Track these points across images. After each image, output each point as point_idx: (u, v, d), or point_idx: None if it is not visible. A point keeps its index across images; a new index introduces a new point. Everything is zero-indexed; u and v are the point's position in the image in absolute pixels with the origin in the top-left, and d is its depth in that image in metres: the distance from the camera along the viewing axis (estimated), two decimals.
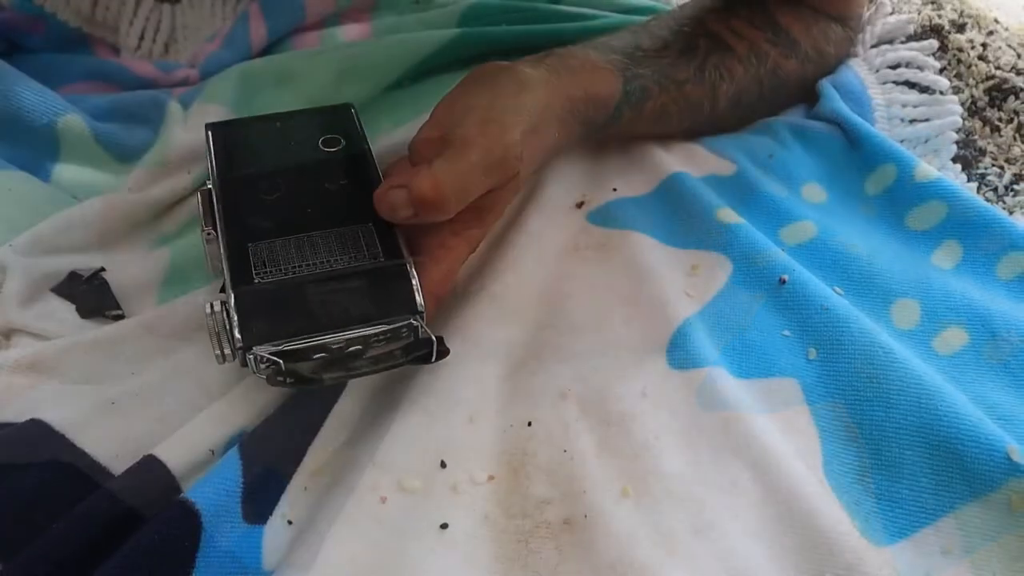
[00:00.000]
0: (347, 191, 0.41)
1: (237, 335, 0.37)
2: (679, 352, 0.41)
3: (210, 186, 0.43)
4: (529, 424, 0.39)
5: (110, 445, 0.38)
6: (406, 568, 0.34)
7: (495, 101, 0.41)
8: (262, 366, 0.37)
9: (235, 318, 0.37)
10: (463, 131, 0.39)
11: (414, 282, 0.38)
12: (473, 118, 0.40)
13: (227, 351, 0.37)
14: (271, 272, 0.38)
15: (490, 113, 0.40)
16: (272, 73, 0.55)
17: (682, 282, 0.45)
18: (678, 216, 0.48)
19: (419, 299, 0.38)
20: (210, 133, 0.45)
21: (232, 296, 0.37)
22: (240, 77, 0.54)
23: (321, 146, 0.44)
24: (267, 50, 0.59)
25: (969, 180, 0.54)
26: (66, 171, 0.50)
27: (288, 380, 0.37)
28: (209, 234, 0.41)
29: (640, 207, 0.49)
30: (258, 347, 0.36)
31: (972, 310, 0.43)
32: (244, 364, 0.37)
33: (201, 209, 0.42)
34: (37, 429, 0.38)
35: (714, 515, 0.36)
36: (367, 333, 0.37)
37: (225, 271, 0.39)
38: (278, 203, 0.41)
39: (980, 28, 0.64)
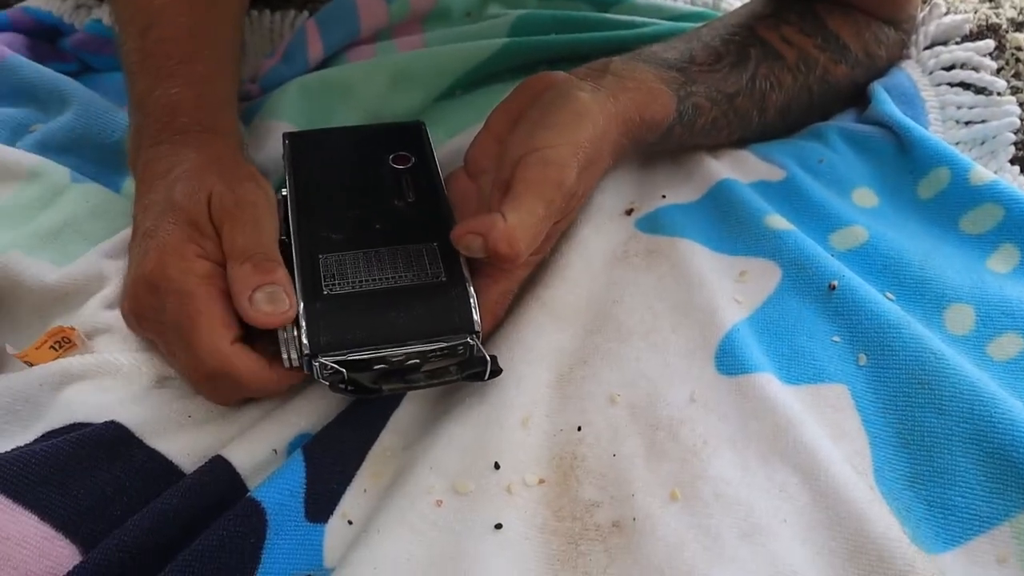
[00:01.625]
0: (414, 209, 0.43)
1: (305, 342, 0.39)
2: (728, 358, 0.42)
3: (285, 193, 0.45)
4: (579, 428, 0.40)
5: (182, 445, 0.40)
6: (461, 567, 0.35)
7: (553, 138, 0.41)
8: (326, 373, 0.38)
9: (303, 327, 0.39)
10: (525, 175, 0.40)
11: (472, 302, 0.40)
12: (535, 159, 0.41)
13: (294, 357, 0.39)
14: (339, 284, 0.40)
15: (550, 155, 0.41)
16: (328, 85, 0.57)
17: (731, 288, 0.45)
18: (726, 223, 0.49)
19: (476, 319, 0.40)
20: (287, 142, 0.47)
21: (302, 305, 0.39)
22: (299, 91, 0.56)
23: (392, 162, 0.46)
24: (324, 64, 0.61)
25: None
26: (134, 185, 0.53)
27: (349, 388, 0.39)
28: (282, 241, 0.43)
29: (688, 214, 0.49)
30: (324, 356, 0.38)
31: None
32: (309, 371, 0.39)
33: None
34: (115, 430, 0.40)
35: (762, 520, 0.36)
36: (426, 349, 0.39)
37: (296, 280, 0.40)
38: (348, 217, 0.43)
39: None
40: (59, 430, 0.40)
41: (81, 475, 0.38)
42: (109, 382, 0.43)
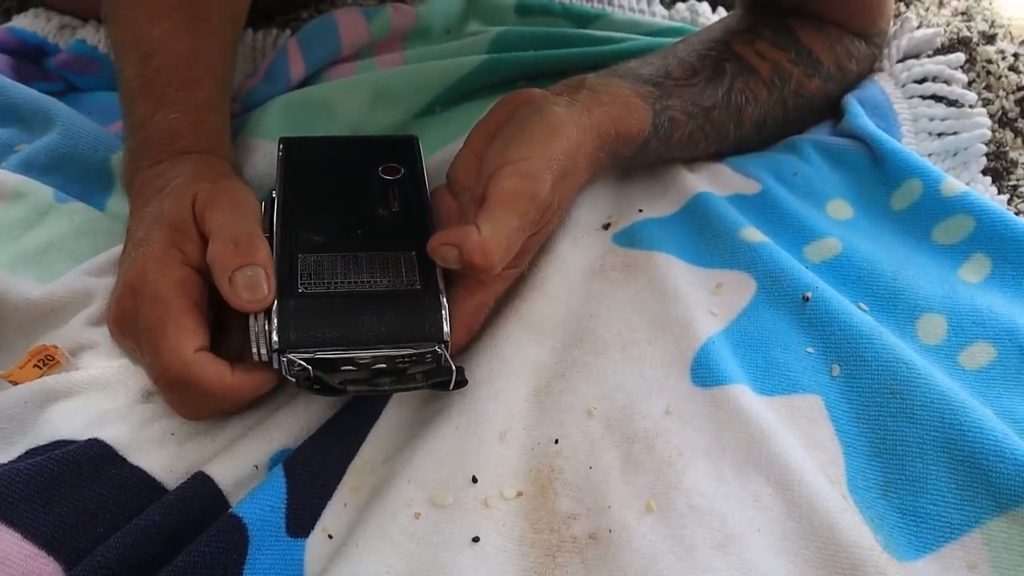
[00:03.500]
0: (398, 219, 0.44)
1: (275, 337, 0.39)
2: (703, 370, 0.42)
3: (275, 196, 0.46)
4: (556, 441, 0.41)
5: (165, 462, 0.41)
6: None
7: (526, 150, 0.42)
8: (294, 369, 0.39)
9: (275, 322, 0.39)
10: (499, 187, 0.41)
11: (444, 312, 0.41)
12: (509, 171, 0.41)
13: (263, 351, 0.40)
14: (315, 284, 0.41)
15: (524, 167, 0.41)
16: (310, 103, 0.57)
17: (706, 301, 0.46)
18: (703, 236, 0.49)
19: (446, 328, 0.40)
20: (282, 146, 0.48)
21: (276, 301, 0.40)
22: (281, 109, 0.56)
23: (381, 172, 0.47)
24: (305, 82, 0.61)
25: (1000, 192, 0.54)
26: (119, 204, 0.53)
27: (315, 386, 0.39)
28: (265, 238, 0.43)
29: (665, 227, 0.50)
30: (292, 352, 0.39)
31: (999, 324, 0.43)
32: (277, 366, 0.40)
33: (263, 214, 0.45)
34: (98, 448, 0.40)
35: (736, 529, 0.37)
36: (394, 354, 0.40)
37: (273, 276, 0.41)
38: (332, 220, 0.44)
39: (1012, 38, 0.64)
40: (43, 447, 0.40)
41: (64, 493, 0.38)
42: (93, 399, 0.43)
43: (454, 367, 0.40)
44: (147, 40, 0.50)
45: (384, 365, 0.40)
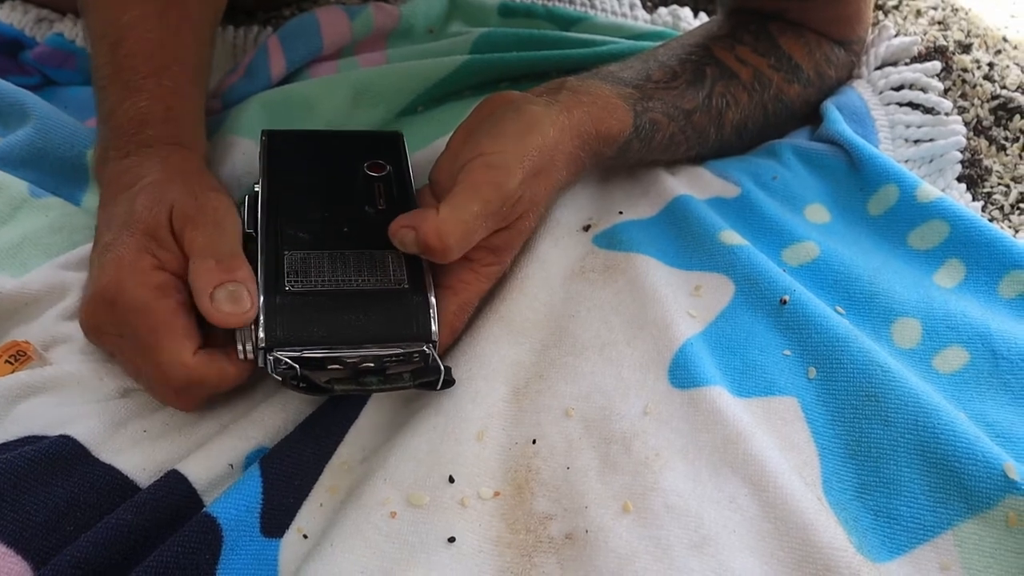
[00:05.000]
0: (384, 216, 0.43)
1: (261, 335, 0.39)
2: (681, 371, 0.42)
3: (258, 189, 0.45)
4: (534, 442, 0.41)
5: (138, 460, 0.40)
6: None
7: (499, 145, 0.42)
8: (281, 367, 0.39)
9: (261, 320, 0.39)
10: (466, 177, 0.41)
11: (432, 311, 0.40)
12: (478, 163, 0.41)
13: (249, 349, 0.39)
14: (301, 282, 0.41)
15: (493, 159, 0.42)
16: (290, 101, 0.57)
17: (685, 303, 0.46)
18: (682, 238, 0.50)
19: (434, 328, 0.40)
20: (265, 139, 0.48)
21: (261, 298, 0.39)
22: (260, 106, 0.56)
23: (366, 169, 0.47)
24: (286, 80, 0.61)
25: (975, 199, 0.55)
26: (95, 199, 0.52)
27: (301, 385, 0.39)
28: (249, 235, 0.43)
29: (645, 230, 0.50)
30: (279, 350, 0.39)
31: (973, 329, 0.44)
32: (263, 364, 0.39)
33: (246, 210, 0.44)
34: (70, 446, 0.40)
35: (712, 530, 0.37)
36: (381, 353, 0.39)
37: (259, 273, 0.41)
38: (318, 217, 0.44)
39: (988, 47, 0.65)
40: (13, 443, 0.40)
41: (34, 491, 0.38)
42: (66, 395, 0.43)
43: (442, 366, 0.40)
44: (117, 27, 0.49)
45: (371, 364, 0.40)
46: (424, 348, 0.40)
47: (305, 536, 0.38)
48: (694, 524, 0.37)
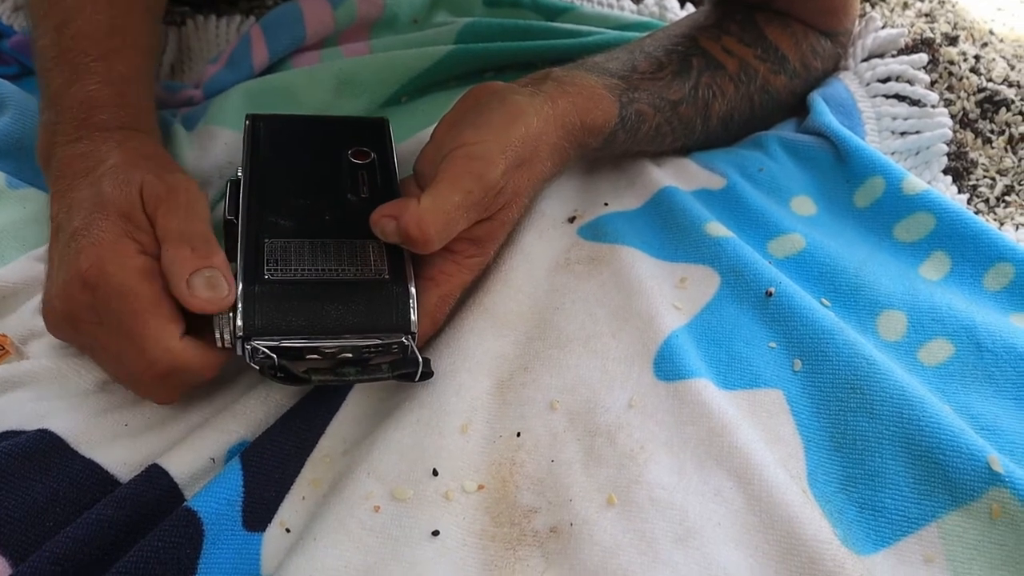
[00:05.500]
0: (367, 205, 0.43)
1: (239, 323, 0.38)
2: (666, 364, 0.42)
3: (240, 175, 0.44)
4: (518, 435, 0.40)
5: (119, 455, 0.40)
6: (397, 574, 0.35)
7: (481, 135, 0.42)
8: (258, 357, 0.38)
9: (239, 307, 0.39)
10: (448, 167, 0.41)
11: (412, 302, 0.40)
12: (460, 153, 0.41)
13: (227, 337, 0.39)
14: (281, 270, 0.40)
15: (475, 149, 0.41)
16: (273, 91, 0.56)
17: (670, 295, 0.46)
18: (667, 230, 0.49)
19: (414, 319, 0.40)
20: (249, 123, 0.47)
21: (240, 286, 0.39)
22: (242, 96, 0.55)
23: (351, 156, 0.46)
24: (269, 70, 0.60)
25: (960, 192, 0.55)
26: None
27: (279, 375, 0.39)
28: (230, 222, 0.42)
29: (630, 221, 0.50)
30: (257, 339, 0.38)
31: (958, 321, 0.44)
32: (241, 353, 0.39)
33: (228, 196, 0.44)
34: (49, 440, 0.39)
35: (696, 523, 0.37)
36: (360, 344, 0.39)
37: (239, 260, 0.40)
38: (300, 205, 0.43)
39: (974, 40, 0.65)
40: None
41: (13, 486, 0.37)
42: (45, 389, 0.42)
43: (420, 358, 0.40)
44: (62, 7, 0.48)
45: (350, 355, 0.39)
46: (404, 339, 0.39)
47: (288, 530, 0.38)
48: (679, 517, 0.37)
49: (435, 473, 0.39)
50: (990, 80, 0.61)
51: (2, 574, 0.35)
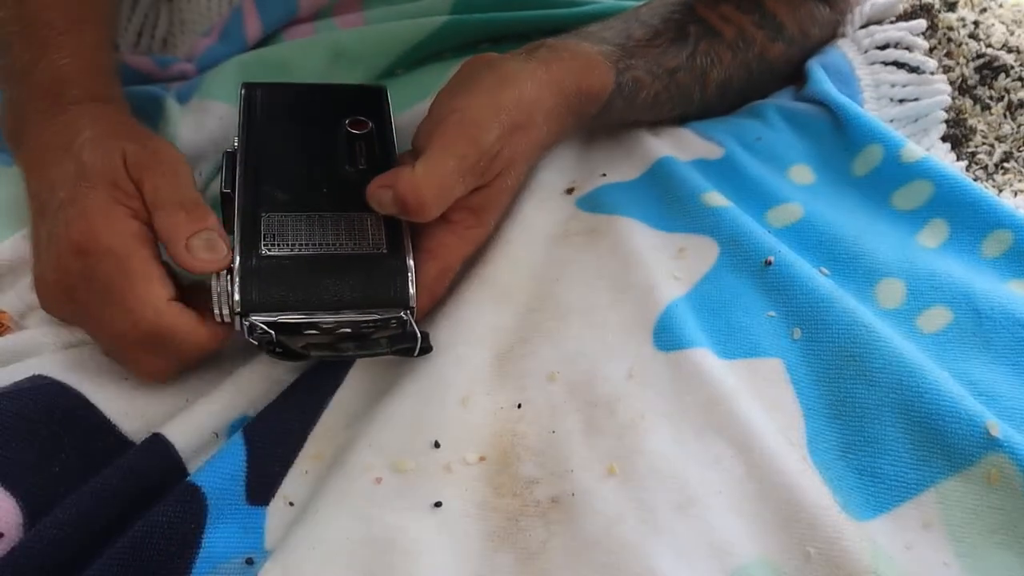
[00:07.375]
0: (365, 177, 0.42)
1: (237, 299, 0.38)
2: (665, 334, 0.42)
3: (236, 145, 0.44)
4: (519, 406, 0.41)
5: (120, 405, 0.40)
6: (399, 545, 0.36)
7: (474, 100, 0.42)
8: (256, 333, 0.38)
9: (237, 283, 0.38)
10: (442, 133, 0.40)
11: (410, 276, 0.40)
12: (453, 119, 0.41)
13: (226, 313, 0.39)
14: (279, 245, 0.40)
15: (468, 114, 0.41)
16: (266, 64, 0.56)
17: (669, 265, 0.46)
18: (665, 200, 0.49)
19: (412, 293, 0.40)
20: (244, 92, 0.46)
21: (238, 261, 0.39)
22: (235, 69, 0.55)
23: (348, 126, 0.45)
24: (262, 43, 0.60)
25: (959, 159, 0.55)
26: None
27: (277, 350, 0.38)
28: (227, 195, 0.42)
29: (628, 192, 0.50)
30: (255, 315, 0.38)
31: (956, 288, 0.44)
32: (240, 329, 0.39)
33: (224, 168, 0.43)
34: (56, 388, 0.40)
35: (697, 492, 0.37)
36: (358, 319, 0.39)
37: (236, 235, 0.40)
38: (297, 177, 0.43)
39: (973, 5, 0.64)
40: None
41: (21, 431, 0.37)
42: (46, 350, 0.42)
43: (419, 333, 0.40)
44: None
45: (348, 330, 0.39)
46: (402, 314, 0.39)
47: (291, 504, 0.38)
48: (679, 486, 0.37)
49: (436, 445, 0.39)
50: (989, 46, 0.60)
51: (14, 519, 0.35)
